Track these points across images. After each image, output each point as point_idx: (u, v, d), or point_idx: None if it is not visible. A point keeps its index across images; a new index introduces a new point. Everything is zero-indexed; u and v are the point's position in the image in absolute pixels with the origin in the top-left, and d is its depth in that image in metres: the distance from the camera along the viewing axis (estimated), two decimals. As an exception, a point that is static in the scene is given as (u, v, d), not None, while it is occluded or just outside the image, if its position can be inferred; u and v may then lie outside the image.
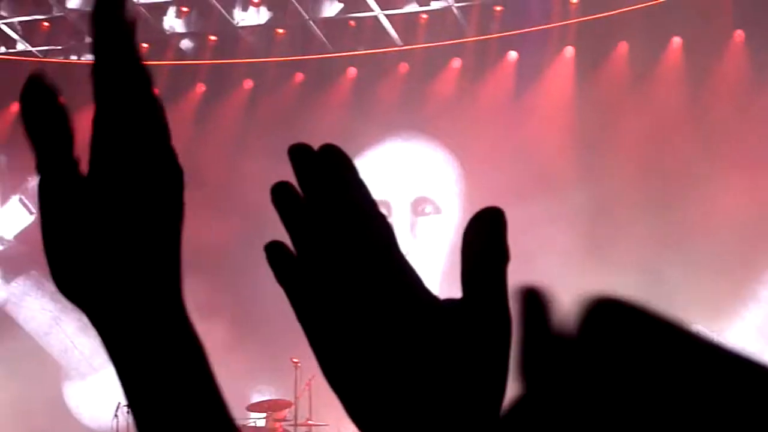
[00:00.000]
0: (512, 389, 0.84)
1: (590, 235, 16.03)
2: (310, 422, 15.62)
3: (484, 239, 1.02)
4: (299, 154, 1.06)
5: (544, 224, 15.81)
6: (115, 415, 15.88)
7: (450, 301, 1.02)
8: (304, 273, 1.03)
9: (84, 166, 1.18)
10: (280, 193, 1.05)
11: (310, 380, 15.44)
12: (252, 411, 15.89)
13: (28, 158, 1.12)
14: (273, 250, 1.04)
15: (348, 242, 1.02)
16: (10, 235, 19.00)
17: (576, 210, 16.20)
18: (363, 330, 1.01)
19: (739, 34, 16.81)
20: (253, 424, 15.87)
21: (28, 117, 1.18)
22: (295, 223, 1.05)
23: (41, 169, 1.17)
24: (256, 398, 16.07)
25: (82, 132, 1.13)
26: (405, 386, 0.99)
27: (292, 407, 15.68)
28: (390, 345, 1.00)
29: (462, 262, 1.02)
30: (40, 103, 1.19)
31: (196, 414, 1.15)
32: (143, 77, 1.17)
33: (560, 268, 15.97)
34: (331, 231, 1.03)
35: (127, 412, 13.72)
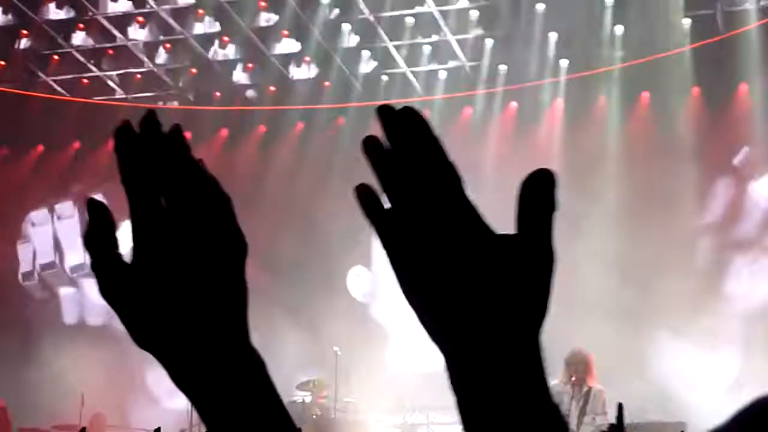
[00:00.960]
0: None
1: (574, 244, 16.07)
2: (346, 399, 15.67)
3: (537, 190, 1.04)
4: (386, 112, 1.05)
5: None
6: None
7: (508, 235, 1.03)
8: (393, 212, 1.03)
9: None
10: (370, 144, 1.06)
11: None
12: (300, 390, 15.92)
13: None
14: (364, 193, 1.05)
15: (428, 184, 1.02)
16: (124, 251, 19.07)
17: (563, 229, 16.21)
18: (442, 253, 1.01)
19: (695, 90, 16.92)
20: (300, 401, 15.87)
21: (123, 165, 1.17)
22: (383, 167, 1.05)
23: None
24: (302, 378, 16.07)
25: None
26: (473, 298, 1.01)
27: (332, 387, 15.72)
28: (463, 266, 1.01)
29: (518, 208, 1.04)
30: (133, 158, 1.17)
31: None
32: (197, 168, 1.20)
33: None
34: (414, 174, 1.03)
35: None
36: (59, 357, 17.57)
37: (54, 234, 19.54)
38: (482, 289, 1.01)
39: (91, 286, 19.13)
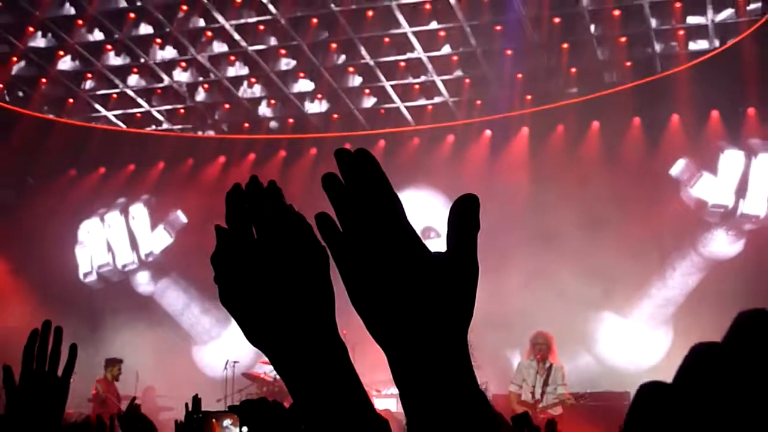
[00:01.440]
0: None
1: (543, 247, 16.12)
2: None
3: (464, 213, 1.04)
4: (341, 154, 1.06)
5: (508, 245, 15.91)
6: (225, 368, 15.97)
7: (438, 254, 1.04)
8: (345, 235, 1.05)
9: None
10: (327, 179, 1.06)
11: (353, 348, 15.50)
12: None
13: (170, 198, 1.20)
14: (322, 218, 1.07)
15: (373, 212, 1.03)
16: (157, 251, 19.13)
17: (531, 233, 16.28)
18: (382, 270, 1.02)
19: (636, 120, 16.93)
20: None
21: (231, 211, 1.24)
22: (337, 199, 1.05)
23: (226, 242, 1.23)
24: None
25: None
26: (409, 306, 1.01)
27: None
28: (400, 280, 1.02)
29: (448, 228, 1.04)
30: (238, 205, 1.24)
31: (347, 407, 1.17)
32: (288, 210, 1.24)
33: (520, 272, 16.11)
34: (362, 204, 1.04)
35: (233, 366, 13.70)
36: (116, 339, 17.61)
37: (106, 239, 19.57)
38: (415, 301, 1.02)
39: (140, 279, 19.20)
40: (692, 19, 14.88)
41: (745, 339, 0.92)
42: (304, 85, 17.46)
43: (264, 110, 18.42)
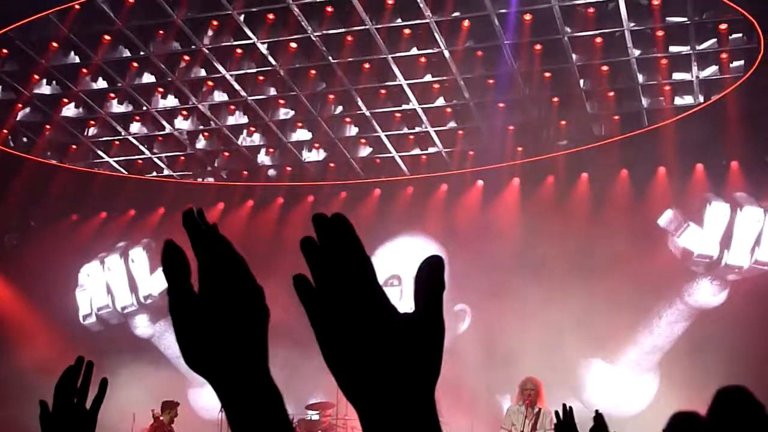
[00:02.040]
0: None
1: (533, 292, 16.12)
2: (346, 417, 15.62)
3: (430, 274, 1.06)
4: (318, 219, 1.10)
5: (499, 292, 15.94)
6: (220, 411, 15.89)
7: (406, 314, 1.05)
8: (319, 296, 1.07)
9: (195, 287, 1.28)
10: (305, 242, 1.09)
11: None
12: (309, 409, 15.87)
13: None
14: (299, 279, 1.09)
15: (345, 274, 1.05)
16: (156, 293, 19.07)
17: (522, 281, 16.29)
18: (354, 332, 1.04)
19: (624, 172, 17.02)
20: (309, 418, 15.83)
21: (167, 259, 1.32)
22: (313, 260, 1.08)
23: (172, 293, 1.30)
24: (312, 400, 16.03)
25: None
26: (377, 365, 1.03)
27: (334, 407, 15.69)
28: (369, 340, 1.03)
29: (414, 289, 1.06)
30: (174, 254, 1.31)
31: None
32: (223, 242, 1.30)
33: (511, 318, 16.09)
34: (335, 266, 1.06)
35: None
36: (114, 381, 17.47)
37: (106, 282, 19.54)
38: (383, 359, 1.03)
39: (138, 322, 19.14)
40: (678, 75, 15.02)
41: (725, 417, 0.95)
42: (302, 134, 17.53)
43: (263, 158, 18.43)
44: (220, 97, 16.46)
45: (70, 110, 17.04)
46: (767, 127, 15.01)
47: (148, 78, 16.00)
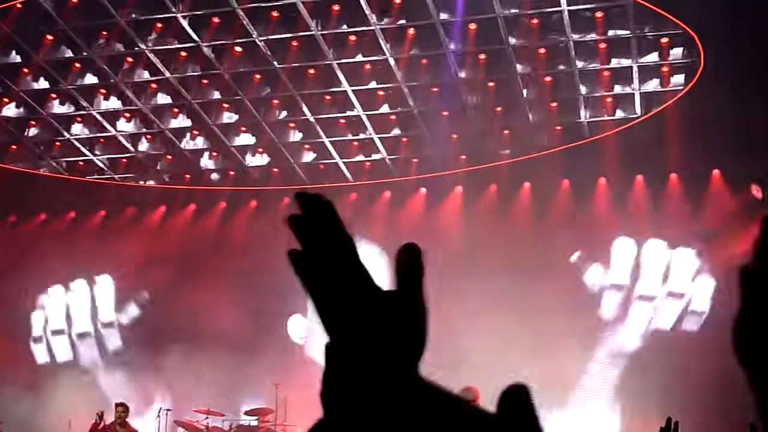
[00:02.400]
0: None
1: (473, 307, 16.17)
2: (285, 423, 15.54)
3: (409, 257, 1.09)
4: (300, 196, 1.11)
5: (440, 303, 15.95)
6: (158, 416, 15.76)
7: (389, 291, 1.07)
8: (309, 263, 1.08)
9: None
10: (293, 219, 1.10)
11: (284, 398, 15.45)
12: (248, 415, 15.75)
13: (114, 245, 1.16)
14: (293, 252, 1.08)
15: (333, 249, 1.08)
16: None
17: (463, 289, 16.34)
18: (342, 300, 1.05)
19: (565, 182, 17.16)
20: (247, 424, 15.71)
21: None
22: (303, 235, 1.09)
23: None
24: (251, 407, 15.91)
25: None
26: (363, 335, 1.05)
27: (273, 413, 15.59)
28: (355, 311, 1.05)
29: (396, 271, 1.08)
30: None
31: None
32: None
33: (453, 328, 16.13)
34: (324, 241, 1.08)
35: (166, 414, 13.59)
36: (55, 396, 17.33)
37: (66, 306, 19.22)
38: (368, 331, 1.04)
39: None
40: (619, 88, 15.18)
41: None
42: (245, 138, 17.46)
43: (206, 162, 18.34)
44: (163, 99, 16.32)
45: (10, 110, 16.79)
46: (707, 140, 15.21)
47: (90, 79, 15.81)
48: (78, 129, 17.30)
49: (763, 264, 1.05)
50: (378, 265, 1.38)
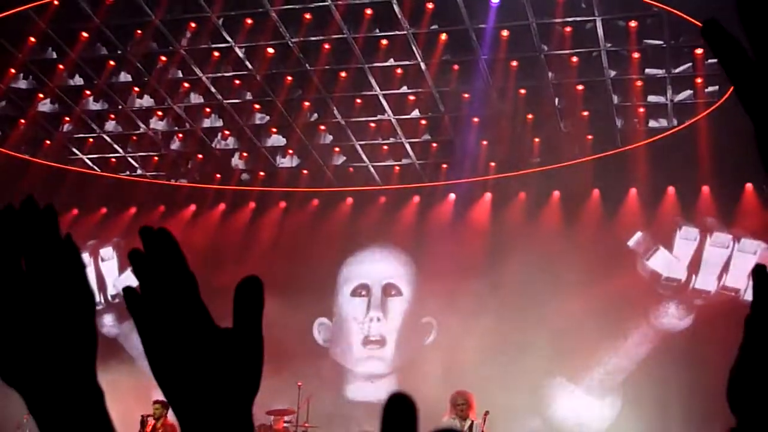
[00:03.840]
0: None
1: (499, 314, 16.13)
2: (306, 424, 15.54)
3: (249, 293, 1.09)
4: (144, 232, 1.09)
5: (466, 308, 15.96)
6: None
7: (226, 329, 1.08)
8: (145, 303, 1.07)
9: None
10: (134, 255, 1.08)
11: (308, 398, 15.43)
12: (269, 415, 15.76)
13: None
14: (127, 290, 1.07)
15: (171, 286, 1.07)
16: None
17: (489, 296, 16.30)
18: (176, 339, 1.05)
19: (596, 191, 17.07)
20: (269, 424, 15.72)
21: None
22: (141, 275, 1.08)
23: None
24: (273, 407, 15.93)
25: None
26: (197, 375, 1.05)
27: (295, 414, 15.60)
28: (190, 348, 1.05)
29: (234, 306, 1.09)
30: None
31: None
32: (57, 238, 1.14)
33: (478, 334, 16.09)
34: (162, 281, 1.07)
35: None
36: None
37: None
38: (203, 369, 1.06)
39: (105, 321, 18.97)
40: (652, 98, 15.09)
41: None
42: (276, 139, 17.48)
43: (236, 162, 18.40)
44: (195, 99, 16.39)
45: (45, 106, 16.91)
46: (739, 153, 15.06)
47: (124, 77, 15.90)
48: (111, 126, 17.41)
49: (760, 314, 1.04)
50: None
